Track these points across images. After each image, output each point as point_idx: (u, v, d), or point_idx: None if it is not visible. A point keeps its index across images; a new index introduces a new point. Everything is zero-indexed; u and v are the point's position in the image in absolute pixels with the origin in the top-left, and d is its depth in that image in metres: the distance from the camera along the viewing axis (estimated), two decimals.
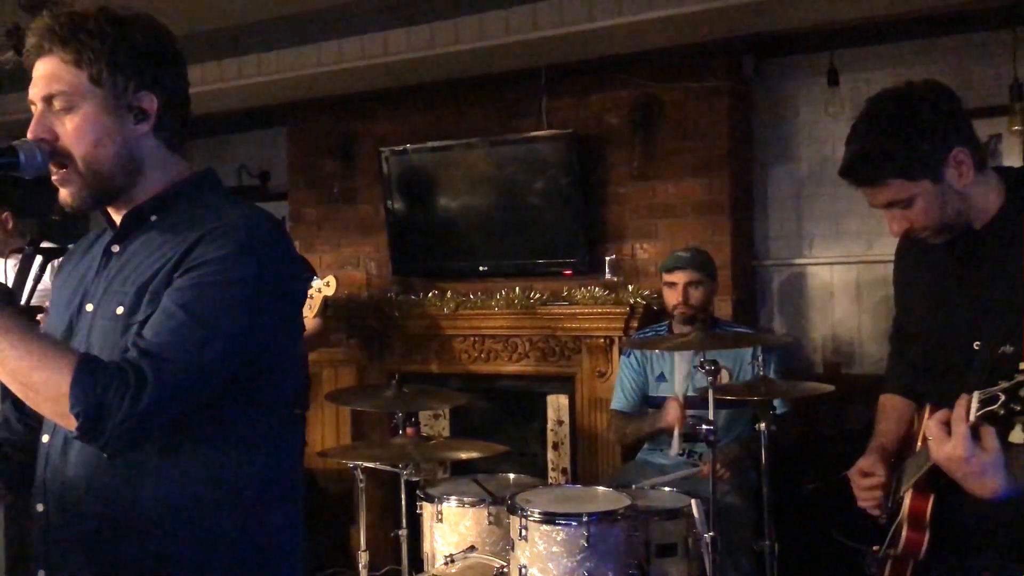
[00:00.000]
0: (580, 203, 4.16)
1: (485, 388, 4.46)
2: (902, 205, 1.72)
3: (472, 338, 4.41)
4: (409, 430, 3.03)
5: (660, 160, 4.11)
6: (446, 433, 4.51)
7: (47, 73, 1.40)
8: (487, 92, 4.45)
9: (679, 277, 3.45)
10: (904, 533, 1.79)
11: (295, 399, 1.56)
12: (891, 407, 2.00)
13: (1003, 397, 1.46)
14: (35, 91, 1.41)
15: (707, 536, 2.71)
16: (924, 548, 1.77)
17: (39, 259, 2.76)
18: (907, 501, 1.79)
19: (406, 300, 4.52)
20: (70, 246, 2.37)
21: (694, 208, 4.06)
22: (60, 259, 3.32)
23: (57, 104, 1.39)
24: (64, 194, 1.43)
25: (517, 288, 4.26)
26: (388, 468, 3.09)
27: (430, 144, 4.49)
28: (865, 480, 1.88)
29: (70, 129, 1.39)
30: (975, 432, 1.50)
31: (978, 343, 1.71)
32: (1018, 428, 1.46)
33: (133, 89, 1.41)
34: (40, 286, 2.80)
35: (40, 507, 1.44)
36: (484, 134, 4.38)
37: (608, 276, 4.12)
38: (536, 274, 4.34)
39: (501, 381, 4.43)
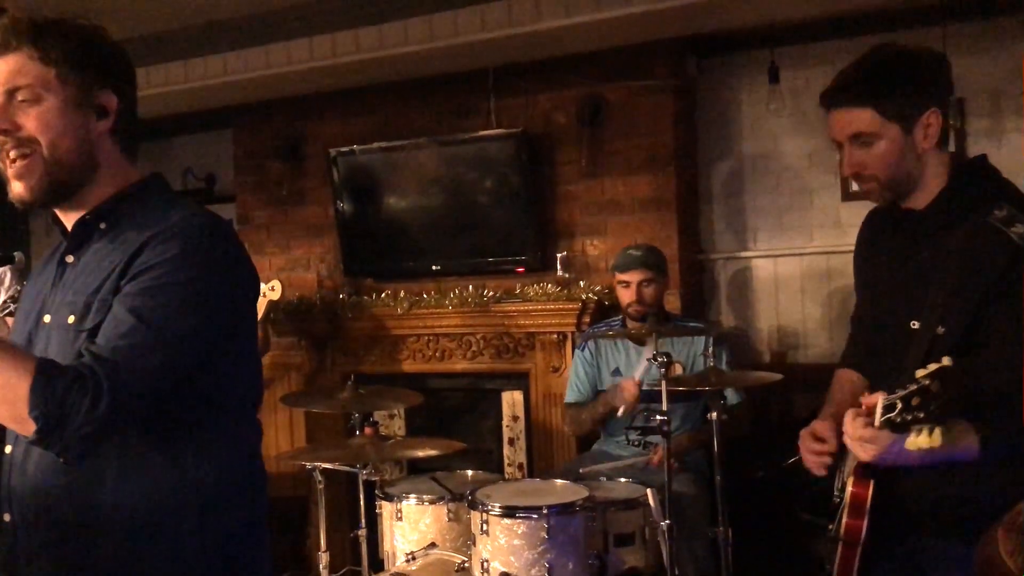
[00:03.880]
0: (530, 201, 4.20)
1: (440, 387, 4.48)
2: (864, 141, 1.76)
3: (426, 337, 4.42)
4: (368, 429, 3.04)
5: (607, 158, 4.17)
6: (402, 432, 4.52)
7: (12, 68, 1.40)
8: (435, 92, 4.46)
9: (633, 276, 3.50)
10: (844, 520, 1.82)
11: (256, 400, 1.56)
12: (846, 379, 2.04)
13: (899, 405, 1.48)
14: None
15: (663, 524, 2.78)
16: (864, 534, 1.79)
17: None
18: (848, 488, 1.82)
19: (359, 301, 4.51)
20: (16, 254, 2.34)
21: (641, 204, 4.13)
22: (3, 266, 3.25)
23: (21, 96, 1.40)
24: (20, 188, 1.42)
25: (470, 287, 4.29)
26: (347, 468, 3.09)
27: (379, 145, 4.48)
28: (816, 444, 1.89)
29: (35, 118, 1.40)
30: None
31: (916, 323, 1.74)
32: (912, 434, 1.46)
33: (97, 87, 1.44)
34: None
35: (7, 517, 1.44)
36: (433, 134, 4.39)
37: (560, 273, 4.17)
38: (488, 272, 4.36)
39: (456, 379, 4.45)
